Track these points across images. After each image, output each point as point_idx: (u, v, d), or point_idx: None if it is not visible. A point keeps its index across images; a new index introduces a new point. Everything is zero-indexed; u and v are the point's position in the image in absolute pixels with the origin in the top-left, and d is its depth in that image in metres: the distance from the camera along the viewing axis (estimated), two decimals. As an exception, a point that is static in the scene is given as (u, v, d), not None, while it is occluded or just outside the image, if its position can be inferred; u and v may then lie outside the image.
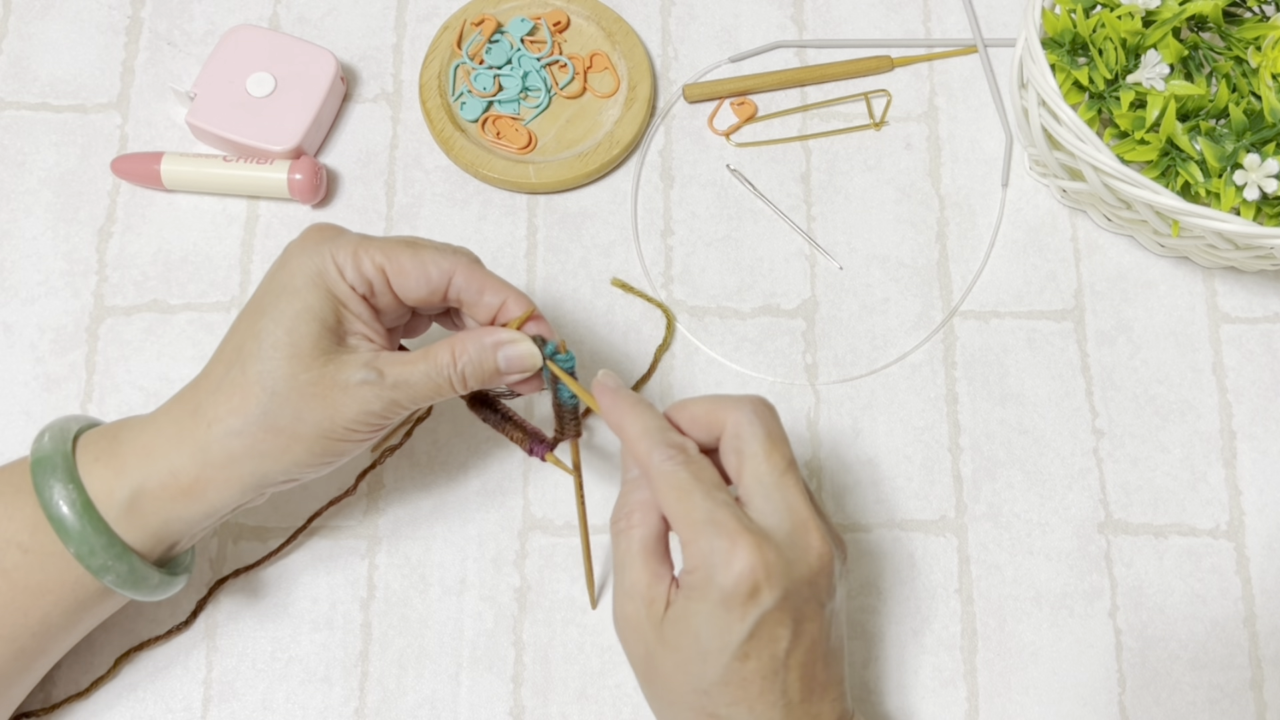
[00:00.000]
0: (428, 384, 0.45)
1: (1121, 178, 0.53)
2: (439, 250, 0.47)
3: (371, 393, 0.44)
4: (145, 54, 0.65)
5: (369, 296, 0.46)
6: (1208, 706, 0.54)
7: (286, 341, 0.44)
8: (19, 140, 0.63)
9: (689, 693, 0.42)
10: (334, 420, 0.44)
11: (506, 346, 0.46)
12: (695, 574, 0.41)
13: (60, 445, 0.45)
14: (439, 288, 0.46)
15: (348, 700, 0.53)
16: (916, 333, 0.60)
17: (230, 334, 0.46)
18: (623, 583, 0.43)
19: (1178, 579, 0.56)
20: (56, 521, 0.44)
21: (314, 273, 0.45)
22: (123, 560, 0.45)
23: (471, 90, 0.63)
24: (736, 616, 0.41)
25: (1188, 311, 0.61)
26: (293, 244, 0.46)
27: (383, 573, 0.55)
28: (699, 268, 0.61)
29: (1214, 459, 0.58)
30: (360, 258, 0.45)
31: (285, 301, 0.44)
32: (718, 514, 0.41)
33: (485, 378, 0.46)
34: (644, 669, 0.44)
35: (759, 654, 0.41)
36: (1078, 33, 0.55)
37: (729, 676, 0.41)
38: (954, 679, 0.54)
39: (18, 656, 0.46)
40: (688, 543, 0.42)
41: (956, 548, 0.57)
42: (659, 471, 0.43)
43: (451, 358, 0.45)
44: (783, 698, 0.42)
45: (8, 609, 0.45)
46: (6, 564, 0.44)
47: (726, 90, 0.65)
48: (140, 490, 0.44)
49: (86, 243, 0.61)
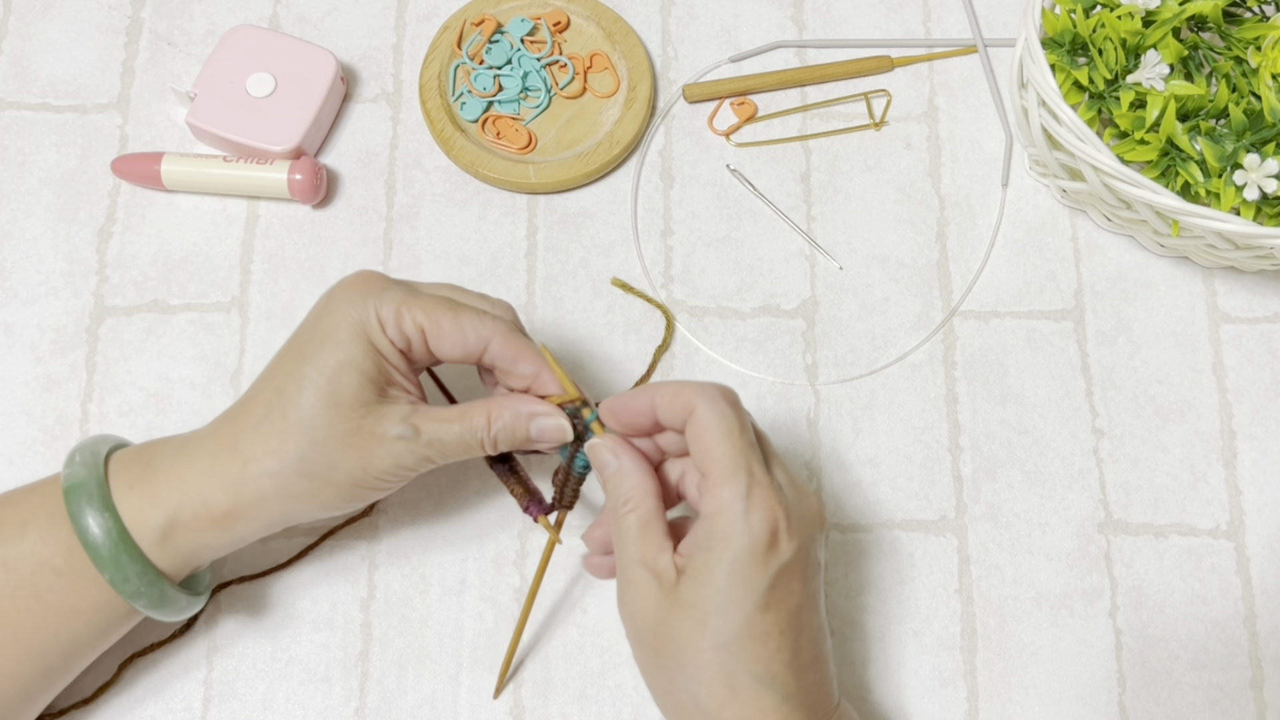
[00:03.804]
0: (460, 444, 0.47)
1: (1121, 178, 0.53)
2: (479, 316, 0.47)
3: (406, 448, 0.46)
4: (145, 54, 0.65)
5: (406, 351, 0.47)
6: (1208, 706, 0.54)
7: (328, 391, 0.45)
8: (19, 140, 0.63)
9: (708, 650, 0.42)
10: (367, 470, 0.46)
11: (541, 419, 0.47)
12: (717, 520, 0.42)
13: (93, 471, 0.46)
14: (475, 352, 0.48)
15: (348, 700, 0.53)
16: (916, 333, 0.60)
17: (271, 373, 0.47)
18: (627, 559, 0.44)
19: (1178, 579, 0.56)
20: (92, 549, 0.44)
21: (358, 325, 0.46)
22: (155, 587, 0.45)
23: (471, 90, 0.63)
24: (760, 564, 0.42)
25: (1188, 311, 0.61)
26: (337, 290, 0.47)
27: (383, 573, 0.55)
28: (699, 268, 0.61)
29: (1214, 459, 0.58)
30: (402, 315, 0.46)
31: (329, 351, 0.45)
32: (753, 463, 0.43)
33: (515, 444, 0.48)
34: (653, 641, 0.43)
35: (778, 606, 0.42)
36: (1078, 33, 0.55)
37: (751, 629, 0.42)
38: (954, 679, 0.54)
39: (45, 674, 0.47)
40: (717, 485, 0.42)
41: (956, 548, 0.57)
42: (709, 410, 0.43)
43: (487, 421, 0.47)
44: (795, 658, 0.42)
45: (40, 630, 0.45)
46: (40, 587, 0.45)
47: (726, 90, 0.65)
48: (174, 520, 0.45)
49: (86, 243, 0.61)
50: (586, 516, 0.56)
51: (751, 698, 0.42)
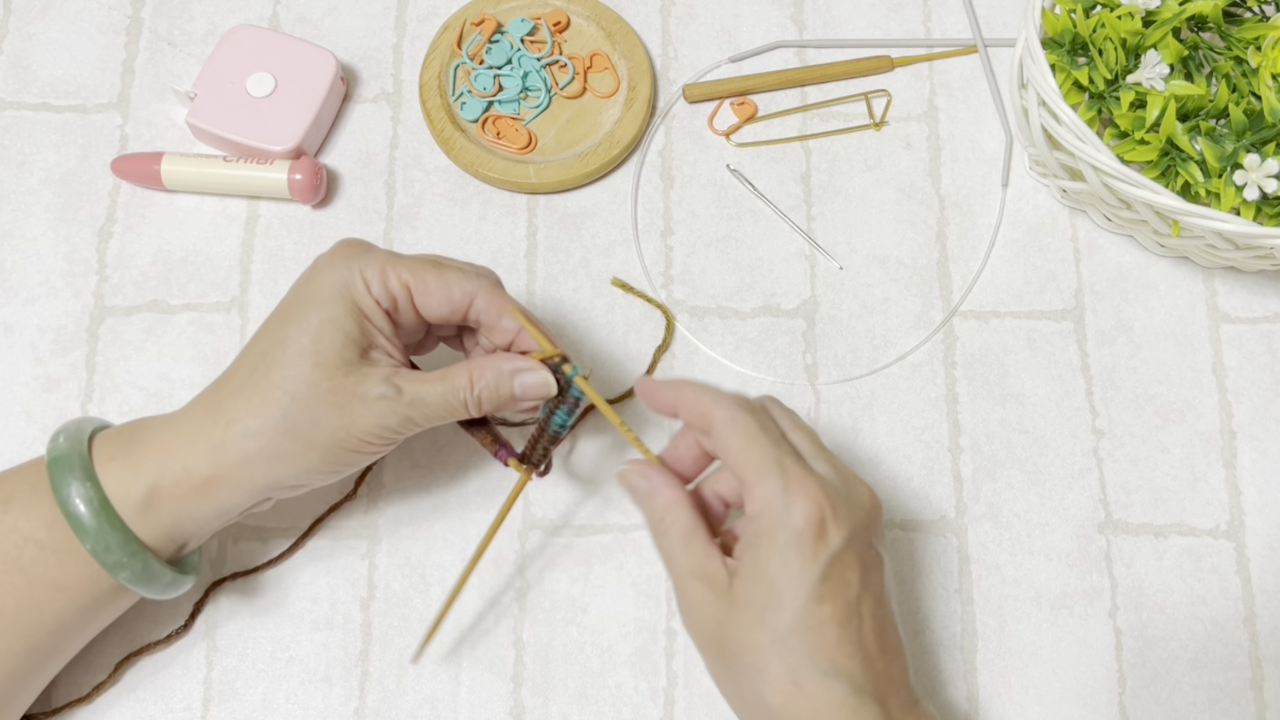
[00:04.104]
0: (442, 404, 0.47)
1: (1121, 178, 0.53)
2: (463, 271, 0.48)
3: (388, 407, 0.46)
4: (145, 54, 0.65)
5: (392, 312, 0.47)
6: (1208, 706, 0.54)
7: (311, 350, 0.45)
8: (19, 140, 0.63)
9: (768, 647, 0.42)
10: (349, 430, 0.46)
11: (524, 374, 0.47)
12: (761, 519, 0.42)
13: (76, 445, 0.46)
14: (460, 308, 0.48)
15: (348, 700, 0.53)
16: (916, 333, 0.60)
17: (255, 340, 0.47)
18: (679, 571, 0.44)
19: (1178, 579, 0.56)
20: (73, 519, 0.44)
21: (342, 285, 0.46)
22: (137, 558, 0.45)
23: (471, 90, 0.63)
24: (809, 555, 0.42)
25: (1188, 311, 0.61)
26: (322, 257, 0.48)
27: (383, 573, 0.55)
28: (699, 268, 0.61)
29: (1214, 459, 0.58)
30: (387, 274, 0.47)
31: (312, 311, 0.46)
32: (784, 459, 0.43)
33: (500, 403, 0.48)
34: (716, 646, 0.43)
35: (833, 597, 0.42)
36: (1078, 33, 0.55)
37: (806, 621, 0.42)
38: (954, 679, 0.54)
39: (33, 654, 0.46)
40: (753, 486, 0.43)
41: (956, 548, 0.57)
42: (727, 418, 0.44)
43: (469, 381, 0.47)
44: (859, 649, 0.42)
45: (25, 605, 0.45)
46: (24, 561, 0.45)
47: (726, 90, 0.65)
48: (155, 488, 0.45)
49: (87, 243, 0.61)
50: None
51: (818, 691, 0.41)
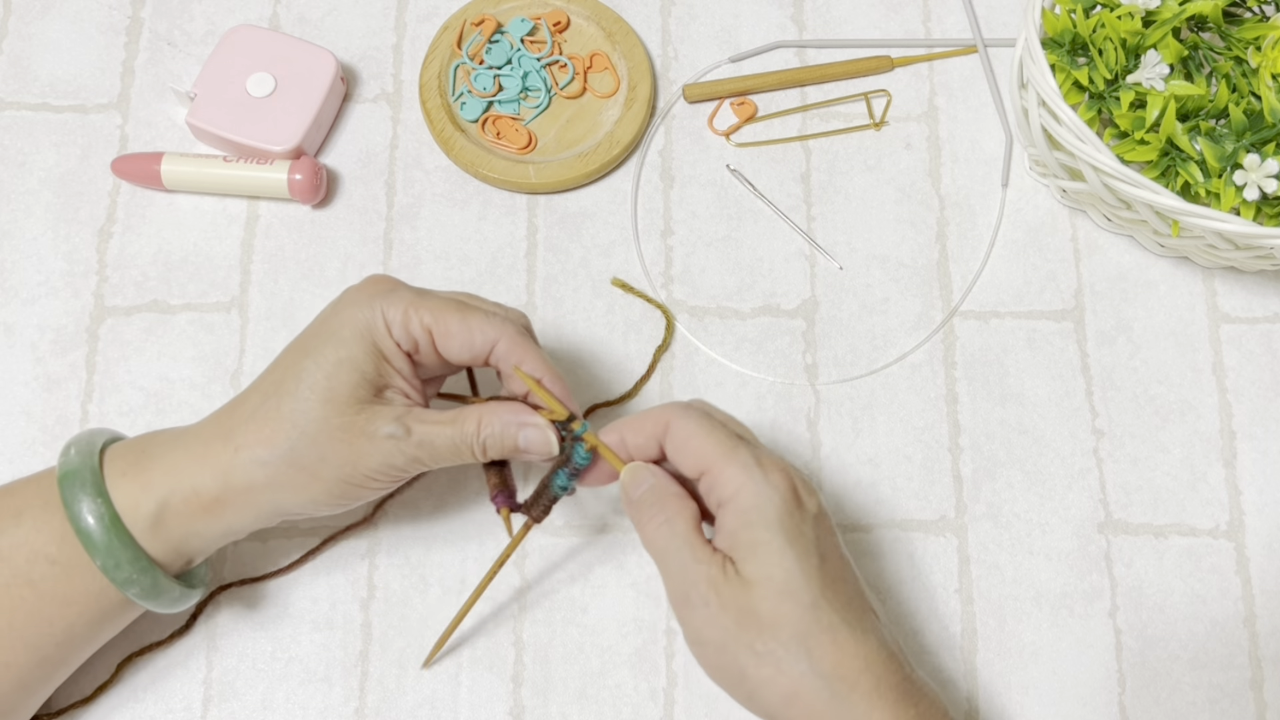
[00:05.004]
0: (449, 448, 0.47)
1: (1121, 178, 0.53)
2: (488, 315, 0.48)
3: (396, 447, 0.46)
4: (145, 54, 0.65)
5: (413, 354, 0.48)
6: (1208, 706, 0.54)
7: (324, 386, 0.45)
8: (19, 140, 0.63)
9: (800, 615, 0.42)
10: (356, 467, 0.46)
11: (529, 429, 0.47)
12: (740, 497, 0.43)
13: (88, 459, 0.46)
14: (481, 353, 0.48)
15: (348, 700, 0.53)
16: (916, 333, 0.60)
17: (273, 366, 0.48)
18: (684, 564, 0.44)
19: (1178, 579, 0.56)
20: (84, 535, 0.44)
21: (364, 326, 0.46)
22: (147, 574, 0.45)
23: (471, 90, 0.63)
24: (799, 518, 0.43)
25: (1188, 311, 0.61)
26: (349, 291, 0.48)
27: (383, 573, 0.55)
28: (699, 268, 0.61)
29: (1214, 459, 0.58)
30: (410, 316, 0.47)
31: (330, 349, 0.46)
32: (740, 446, 0.44)
33: (505, 452, 0.48)
34: (741, 638, 0.42)
35: (830, 556, 0.44)
36: (1078, 33, 0.55)
37: (825, 578, 0.43)
38: (954, 679, 0.54)
39: (41, 665, 0.47)
40: (724, 467, 0.44)
41: (956, 548, 0.57)
42: (684, 419, 0.45)
43: (476, 428, 0.47)
44: (865, 601, 0.44)
45: (34, 618, 0.45)
46: (34, 575, 0.45)
47: (726, 90, 0.65)
48: (165, 505, 0.45)
49: (86, 243, 0.61)
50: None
51: (858, 645, 0.42)
